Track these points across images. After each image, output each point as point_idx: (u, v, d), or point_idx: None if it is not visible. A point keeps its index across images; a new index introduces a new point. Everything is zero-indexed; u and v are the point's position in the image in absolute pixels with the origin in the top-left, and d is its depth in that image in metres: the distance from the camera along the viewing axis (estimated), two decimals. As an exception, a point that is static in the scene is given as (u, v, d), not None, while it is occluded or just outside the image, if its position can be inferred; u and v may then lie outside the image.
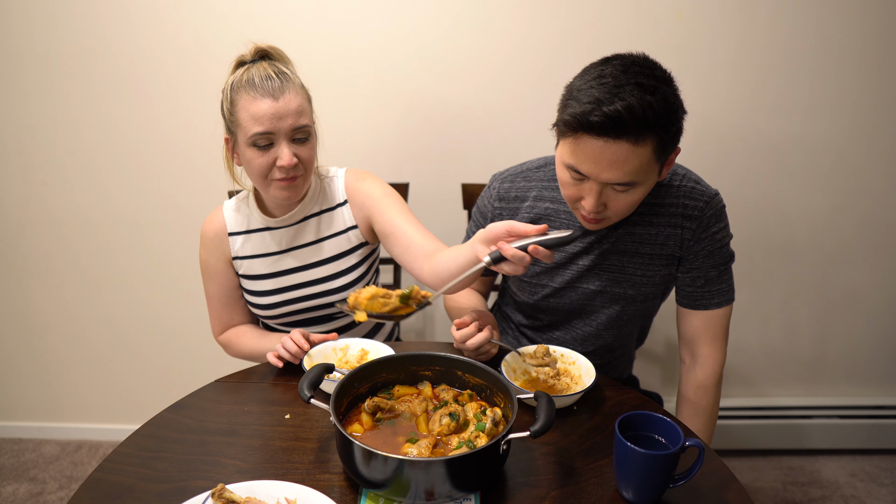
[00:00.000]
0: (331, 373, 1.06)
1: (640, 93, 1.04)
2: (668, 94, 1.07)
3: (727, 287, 1.30)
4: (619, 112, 1.03)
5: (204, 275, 1.45)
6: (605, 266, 1.29)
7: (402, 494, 0.91)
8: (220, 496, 0.90)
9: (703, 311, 1.30)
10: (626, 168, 1.08)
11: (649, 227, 1.26)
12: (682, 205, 1.24)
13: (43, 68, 1.80)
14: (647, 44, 1.71)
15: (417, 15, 1.72)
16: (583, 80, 1.10)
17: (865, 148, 1.83)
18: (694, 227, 1.24)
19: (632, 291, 1.31)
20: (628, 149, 1.06)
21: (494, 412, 1.02)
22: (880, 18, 1.70)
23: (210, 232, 1.42)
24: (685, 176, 1.27)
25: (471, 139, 1.84)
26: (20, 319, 2.13)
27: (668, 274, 1.30)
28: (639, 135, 1.05)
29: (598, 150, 1.07)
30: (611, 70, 1.07)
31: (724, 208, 1.27)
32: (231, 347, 1.48)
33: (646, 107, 1.03)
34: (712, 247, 1.26)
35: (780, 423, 2.11)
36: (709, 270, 1.27)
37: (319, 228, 1.41)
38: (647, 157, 1.08)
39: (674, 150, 1.14)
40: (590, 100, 1.05)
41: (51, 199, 1.96)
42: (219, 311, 1.47)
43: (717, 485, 0.98)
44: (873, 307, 2.03)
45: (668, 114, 1.06)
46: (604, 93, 1.05)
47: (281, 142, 1.25)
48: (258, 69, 1.25)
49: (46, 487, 2.08)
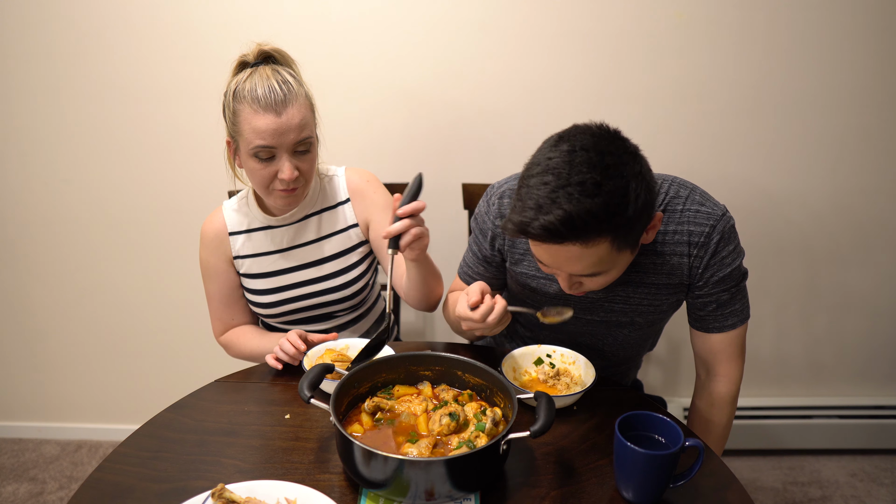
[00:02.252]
0: (331, 373, 1.07)
1: (580, 197, 0.94)
2: (614, 191, 0.95)
3: (741, 307, 1.22)
4: (555, 224, 0.95)
5: (204, 275, 1.45)
6: (611, 298, 1.24)
7: (402, 494, 0.91)
8: (220, 496, 0.90)
9: (717, 333, 1.24)
10: (584, 263, 1.02)
11: (654, 257, 1.18)
12: (687, 231, 1.15)
13: (42, 68, 1.80)
14: (648, 44, 1.72)
15: (419, 15, 1.72)
16: (532, 171, 1.00)
17: (865, 148, 1.83)
18: (702, 255, 1.16)
19: (639, 319, 1.27)
20: (579, 250, 0.99)
21: (494, 412, 1.02)
22: (881, 18, 1.70)
23: (210, 232, 1.41)
24: (689, 198, 1.17)
25: (471, 139, 1.83)
26: (20, 319, 2.13)
27: (678, 300, 1.25)
28: (585, 238, 0.97)
29: (552, 252, 1.02)
30: (556, 162, 0.97)
31: (734, 227, 1.17)
32: (232, 348, 1.48)
33: (583, 214, 0.94)
34: (723, 272, 1.17)
35: (780, 423, 2.11)
36: (721, 294, 1.19)
37: (320, 227, 1.42)
38: (605, 251, 1.00)
39: (647, 226, 1.05)
40: (530, 206, 0.97)
41: (51, 199, 1.95)
42: (220, 312, 1.47)
43: (717, 485, 0.98)
44: (873, 307, 2.03)
45: (614, 215, 0.96)
46: (543, 197, 0.96)
47: (283, 155, 1.24)
48: (261, 77, 1.23)
49: (46, 487, 2.08)
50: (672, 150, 1.84)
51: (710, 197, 1.19)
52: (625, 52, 1.72)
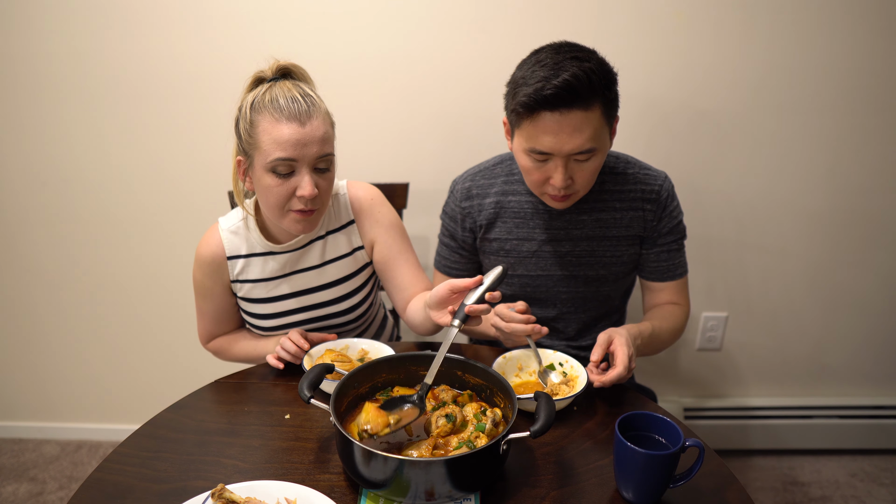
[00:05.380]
0: (331, 373, 1.07)
1: (579, 63, 1.16)
2: (601, 61, 1.20)
3: (684, 259, 1.45)
4: (568, 80, 1.14)
5: (197, 293, 1.38)
6: (577, 252, 1.39)
7: (402, 495, 0.91)
8: (220, 496, 0.90)
9: (669, 282, 1.44)
10: (584, 135, 1.18)
11: (613, 213, 1.37)
12: (639, 190, 1.36)
13: (42, 68, 1.80)
14: (648, 43, 1.72)
15: (419, 16, 1.72)
16: (522, 70, 1.21)
17: (865, 147, 1.83)
18: (654, 209, 1.37)
19: (603, 272, 1.41)
20: (582, 116, 1.16)
21: (494, 413, 1.02)
22: (880, 18, 1.69)
23: (207, 255, 1.32)
24: (633, 163, 1.39)
25: (471, 139, 1.83)
26: (20, 319, 2.13)
27: (635, 252, 1.42)
28: (588, 100, 1.16)
29: (556, 124, 1.17)
30: (545, 55, 1.19)
31: (674, 187, 1.40)
32: (223, 353, 1.44)
33: (588, 73, 1.15)
34: (671, 223, 1.39)
35: (780, 423, 2.11)
36: (671, 245, 1.41)
37: (325, 251, 1.35)
38: (599, 120, 1.19)
39: (615, 117, 1.25)
40: (537, 80, 1.16)
41: (51, 199, 1.96)
42: (209, 325, 1.41)
43: (717, 485, 0.98)
44: (873, 307, 2.03)
45: (607, 75, 1.19)
46: (547, 71, 1.16)
47: (303, 170, 1.17)
48: (282, 89, 1.17)
49: (46, 487, 2.08)
50: (671, 149, 1.84)
51: (651, 165, 1.41)
52: (625, 51, 1.72)
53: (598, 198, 1.37)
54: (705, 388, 2.16)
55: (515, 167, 1.41)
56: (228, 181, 1.80)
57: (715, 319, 2.05)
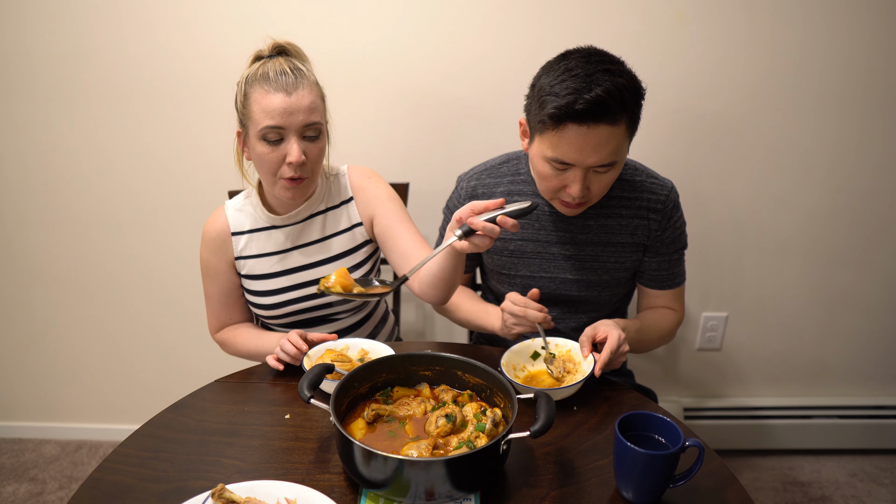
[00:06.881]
0: (331, 373, 1.07)
1: (611, 77, 1.14)
2: (632, 76, 1.18)
3: (683, 268, 1.46)
4: (601, 96, 1.12)
5: (204, 275, 1.44)
6: (582, 256, 1.39)
7: (402, 494, 0.91)
8: (220, 496, 0.90)
9: (667, 290, 1.45)
10: (608, 149, 1.17)
11: (619, 219, 1.37)
12: (645, 199, 1.36)
13: (42, 68, 1.80)
14: (648, 43, 1.72)
15: (421, 15, 1.72)
16: (550, 77, 1.18)
17: (866, 147, 1.83)
18: (659, 219, 1.37)
19: (606, 276, 1.41)
20: (608, 131, 1.15)
21: (494, 412, 1.02)
22: (881, 18, 1.69)
23: (212, 232, 1.41)
24: (641, 170, 1.38)
25: (472, 139, 1.83)
26: (20, 319, 2.13)
27: (637, 259, 1.42)
28: (615, 116, 1.15)
29: (582, 137, 1.16)
30: (574, 62, 1.17)
31: (679, 197, 1.40)
32: (228, 346, 1.47)
33: (620, 89, 1.14)
34: (674, 234, 1.40)
35: (780, 423, 2.11)
36: (672, 255, 1.42)
37: (325, 226, 1.41)
38: (622, 135, 1.19)
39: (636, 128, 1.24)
40: (568, 91, 1.13)
41: (51, 199, 1.96)
42: (217, 311, 1.46)
43: (717, 485, 0.98)
44: (873, 307, 2.03)
45: (636, 91, 1.18)
46: (579, 83, 1.13)
47: (291, 137, 1.25)
48: (274, 64, 1.26)
49: (46, 487, 2.08)
50: (672, 150, 1.84)
51: (658, 173, 1.40)
52: (625, 51, 1.71)
53: (606, 203, 1.36)
54: (705, 388, 2.16)
55: (522, 167, 1.41)
56: (228, 181, 1.81)
57: (715, 319, 2.05)
